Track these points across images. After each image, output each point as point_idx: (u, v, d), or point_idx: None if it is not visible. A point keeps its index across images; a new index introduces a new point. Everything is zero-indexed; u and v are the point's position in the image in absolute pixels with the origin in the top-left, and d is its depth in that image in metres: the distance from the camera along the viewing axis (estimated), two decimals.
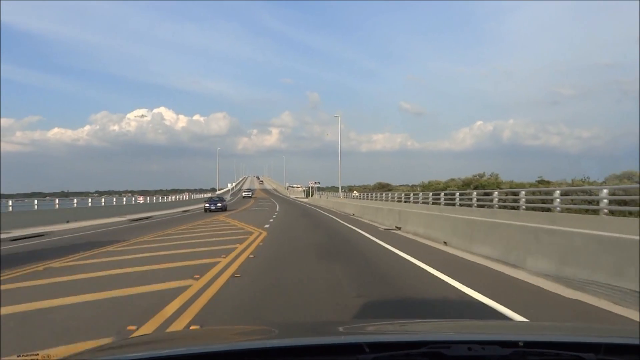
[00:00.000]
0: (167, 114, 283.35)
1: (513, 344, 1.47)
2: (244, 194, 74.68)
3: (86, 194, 38.49)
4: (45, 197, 29.52)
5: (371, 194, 43.55)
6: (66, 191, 37.28)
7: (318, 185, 77.17)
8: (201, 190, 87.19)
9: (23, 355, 1.60)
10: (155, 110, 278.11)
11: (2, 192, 31.49)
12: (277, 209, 37.64)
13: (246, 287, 6.54)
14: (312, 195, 74.11)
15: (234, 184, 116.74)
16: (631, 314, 5.04)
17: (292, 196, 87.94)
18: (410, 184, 64.40)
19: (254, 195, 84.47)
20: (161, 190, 64.32)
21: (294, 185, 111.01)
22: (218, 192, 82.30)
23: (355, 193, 37.46)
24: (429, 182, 46.68)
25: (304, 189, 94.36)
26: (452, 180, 43.32)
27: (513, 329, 2.73)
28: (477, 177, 39.79)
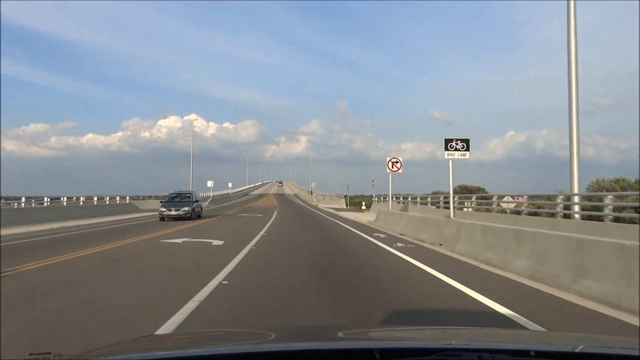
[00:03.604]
0: (198, 121, 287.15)
1: (524, 353, 1.44)
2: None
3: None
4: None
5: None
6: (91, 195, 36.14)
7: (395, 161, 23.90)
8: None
9: (35, 354, 1.59)
10: (186, 117, 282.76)
11: (33, 195, 29.48)
12: None
13: None
14: (370, 205, 39.12)
15: (231, 187, 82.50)
16: None
17: (321, 205, 54.24)
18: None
19: (239, 210, 38.27)
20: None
21: (324, 193, 73.86)
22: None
23: (508, 200, 21.03)
24: (617, 180, 26.00)
25: (342, 197, 60.50)
26: None
27: (524, 338, 2.67)
28: None
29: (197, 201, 27.18)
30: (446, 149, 15.05)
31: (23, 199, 28.59)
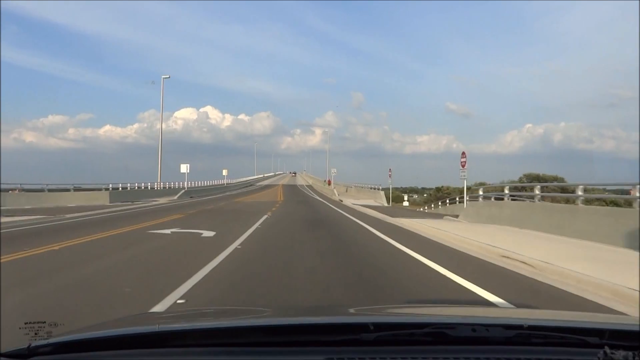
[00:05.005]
0: (213, 113, 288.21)
1: (517, 327, 1.46)
2: None
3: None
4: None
5: None
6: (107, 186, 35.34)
7: None
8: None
9: (30, 323, 1.57)
10: (202, 109, 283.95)
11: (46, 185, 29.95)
12: None
13: None
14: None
15: (226, 176, 68.80)
16: None
17: (347, 201, 35.99)
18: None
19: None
20: None
21: (347, 183, 54.98)
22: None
23: None
24: None
25: (379, 188, 41.83)
26: None
27: (518, 314, 2.74)
28: None
29: None
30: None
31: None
